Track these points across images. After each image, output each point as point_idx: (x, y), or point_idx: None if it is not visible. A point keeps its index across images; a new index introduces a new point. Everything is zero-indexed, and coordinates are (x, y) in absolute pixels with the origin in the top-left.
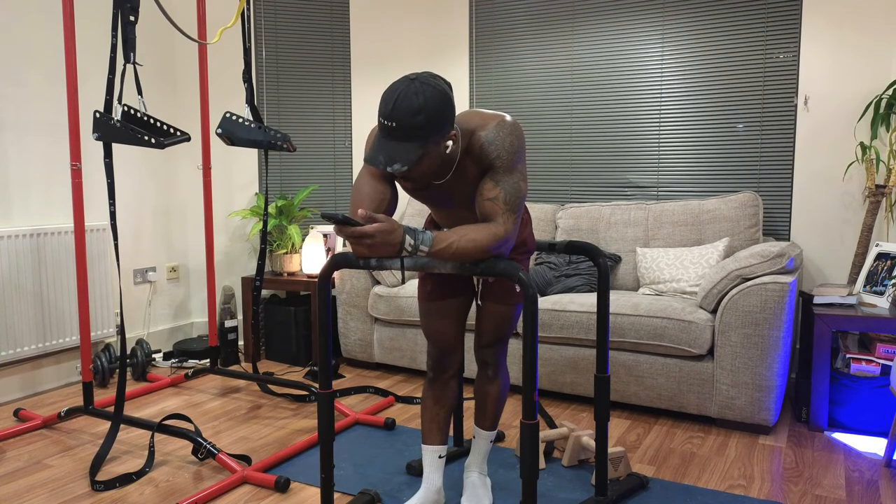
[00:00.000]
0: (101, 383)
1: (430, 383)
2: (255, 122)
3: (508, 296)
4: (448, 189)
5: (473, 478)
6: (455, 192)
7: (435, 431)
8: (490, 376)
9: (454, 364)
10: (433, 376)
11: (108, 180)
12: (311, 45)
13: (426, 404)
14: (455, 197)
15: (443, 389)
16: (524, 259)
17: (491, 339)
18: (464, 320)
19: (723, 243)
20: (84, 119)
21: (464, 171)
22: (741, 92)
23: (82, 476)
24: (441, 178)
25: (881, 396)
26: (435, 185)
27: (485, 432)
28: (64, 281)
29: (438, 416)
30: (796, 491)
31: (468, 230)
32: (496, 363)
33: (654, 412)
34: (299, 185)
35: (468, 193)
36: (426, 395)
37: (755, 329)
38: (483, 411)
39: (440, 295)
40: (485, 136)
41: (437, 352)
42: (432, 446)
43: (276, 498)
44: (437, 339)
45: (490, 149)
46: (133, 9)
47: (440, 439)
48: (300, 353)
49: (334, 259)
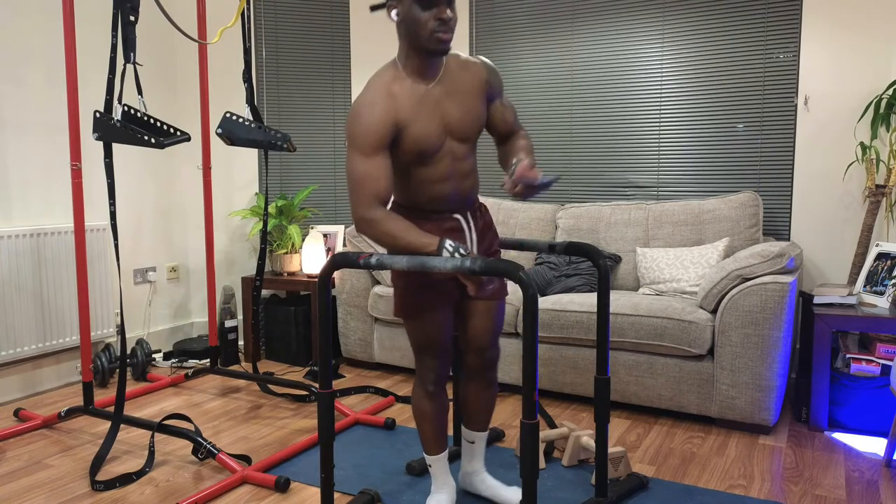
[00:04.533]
0: (101, 383)
1: (430, 396)
2: (255, 122)
3: (502, 289)
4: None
5: (489, 480)
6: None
7: (442, 440)
8: (490, 380)
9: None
10: (435, 389)
11: (108, 180)
12: (311, 45)
13: (429, 416)
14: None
15: (443, 399)
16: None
17: (492, 339)
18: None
19: (723, 243)
20: (84, 119)
21: (459, 82)
22: (741, 92)
23: (82, 476)
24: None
25: (881, 396)
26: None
27: (482, 433)
28: (64, 281)
29: (443, 425)
30: (796, 491)
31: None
32: (496, 365)
33: (654, 412)
34: (299, 185)
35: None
36: (427, 408)
37: (755, 329)
38: (483, 416)
39: (434, 305)
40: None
41: (438, 364)
42: (442, 453)
43: (276, 498)
44: (438, 352)
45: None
46: (133, 9)
47: (445, 444)
48: (300, 353)
49: (334, 259)
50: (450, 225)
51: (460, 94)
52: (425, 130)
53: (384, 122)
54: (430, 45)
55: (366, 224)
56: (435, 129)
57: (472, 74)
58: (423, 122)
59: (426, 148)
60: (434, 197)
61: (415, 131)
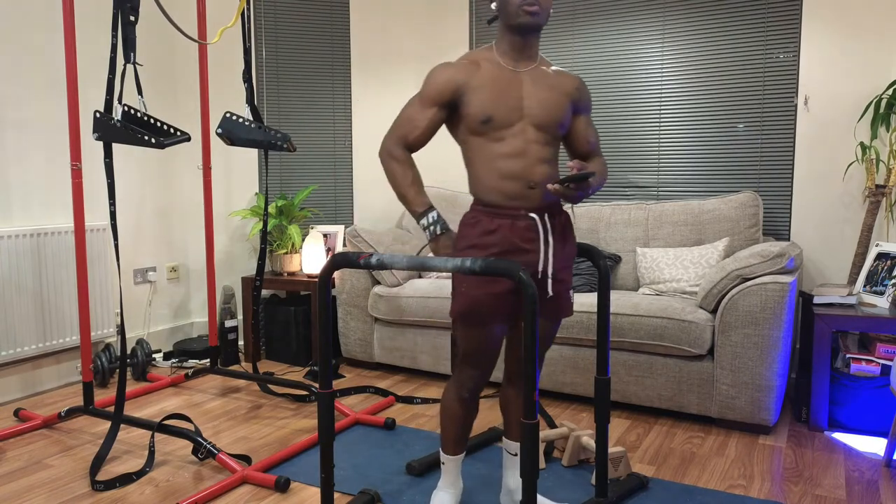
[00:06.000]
0: (101, 383)
1: (462, 401)
2: (255, 122)
3: (567, 308)
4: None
5: (540, 499)
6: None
7: (463, 442)
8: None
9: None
10: (470, 397)
11: (108, 180)
12: (311, 45)
13: (458, 419)
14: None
15: (475, 405)
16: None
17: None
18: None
19: (723, 243)
20: (84, 119)
21: (549, 78)
22: (741, 92)
23: (82, 476)
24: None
25: (881, 396)
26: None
27: (517, 443)
28: (64, 281)
29: (468, 428)
30: (796, 491)
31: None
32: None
33: (654, 412)
34: (299, 185)
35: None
36: (458, 411)
37: (755, 329)
38: (516, 424)
39: (493, 317)
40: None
41: (480, 374)
42: (460, 455)
43: (276, 498)
44: (485, 363)
45: (584, 88)
46: (133, 9)
47: (465, 447)
48: (300, 353)
49: (334, 259)
50: (523, 224)
51: (547, 86)
52: (496, 100)
53: (450, 80)
54: (518, 19)
55: (385, 155)
56: (508, 102)
57: (565, 79)
58: (496, 92)
59: (493, 115)
60: (504, 174)
61: (483, 96)
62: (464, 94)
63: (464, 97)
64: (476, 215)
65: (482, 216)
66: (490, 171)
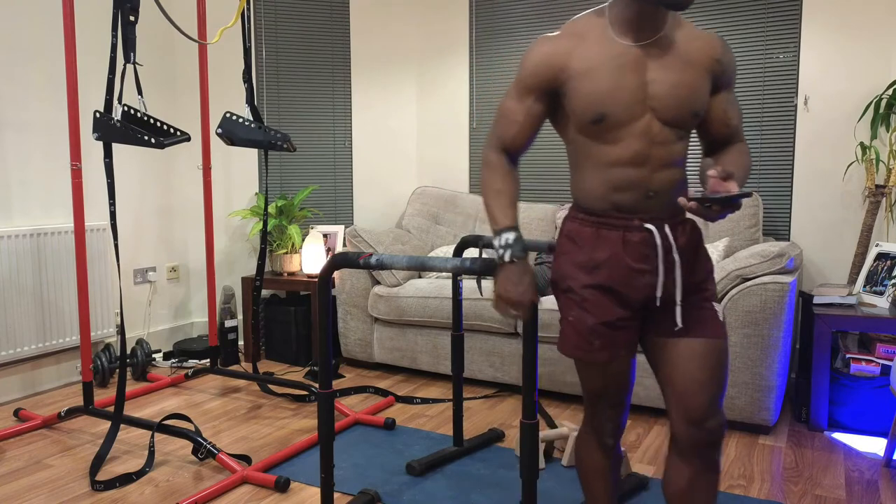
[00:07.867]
0: (101, 383)
1: (605, 450)
2: (255, 122)
3: (717, 323)
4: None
5: None
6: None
7: (614, 502)
8: (710, 462)
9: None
10: (613, 443)
11: (108, 180)
12: (311, 45)
13: (602, 473)
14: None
15: (619, 453)
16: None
17: (712, 399)
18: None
19: (722, 243)
20: (84, 119)
21: (680, 48)
22: (741, 92)
23: (82, 476)
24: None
25: (881, 396)
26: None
27: None
28: (64, 281)
29: (616, 483)
30: (796, 491)
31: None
32: (721, 441)
33: (654, 412)
34: (299, 185)
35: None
36: (601, 465)
37: (755, 329)
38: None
39: (604, 344)
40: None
41: (617, 413)
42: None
43: (276, 498)
44: (621, 396)
45: (730, 56)
46: (133, 9)
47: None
48: (300, 353)
49: (334, 259)
50: (638, 238)
51: (679, 62)
52: (609, 90)
53: (547, 63)
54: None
55: (482, 161)
56: (626, 92)
57: (702, 45)
58: (608, 78)
59: (606, 112)
60: (619, 185)
61: (591, 86)
62: (566, 83)
63: (565, 86)
64: (575, 227)
65: (585, 227)
66: (601, 181)
